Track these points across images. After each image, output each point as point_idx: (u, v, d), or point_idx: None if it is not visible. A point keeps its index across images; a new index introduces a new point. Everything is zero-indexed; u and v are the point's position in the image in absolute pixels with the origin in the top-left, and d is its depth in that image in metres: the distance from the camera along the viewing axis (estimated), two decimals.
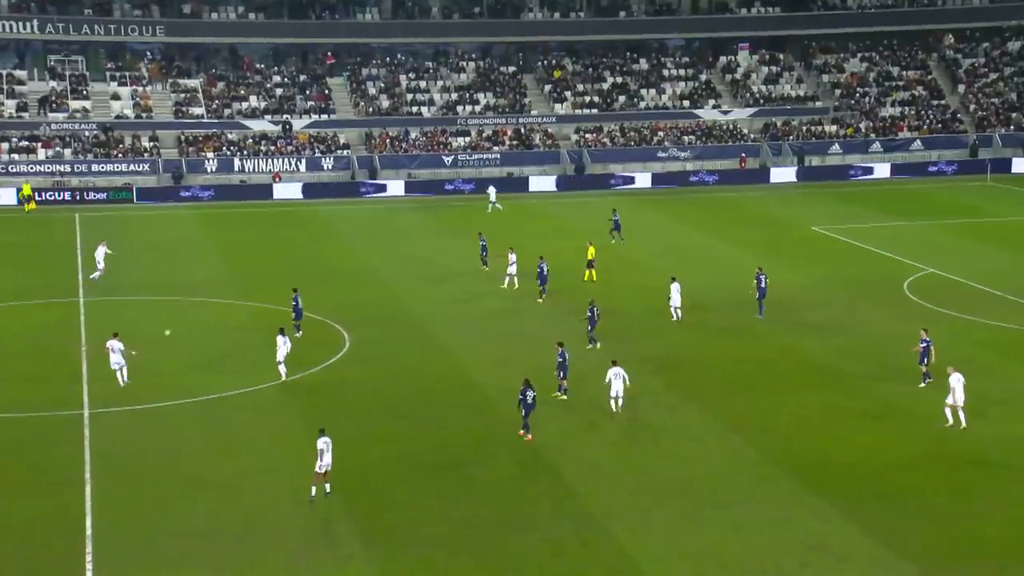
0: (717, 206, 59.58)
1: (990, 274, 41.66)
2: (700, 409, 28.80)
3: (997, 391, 29.43)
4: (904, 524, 22.12)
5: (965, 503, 22.91)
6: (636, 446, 26.54)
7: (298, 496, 24.08)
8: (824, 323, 36.44)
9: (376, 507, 23.69)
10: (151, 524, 22.78)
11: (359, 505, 23.71)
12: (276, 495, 24.14)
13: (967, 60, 76.80)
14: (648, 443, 26.68)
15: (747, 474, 24.77)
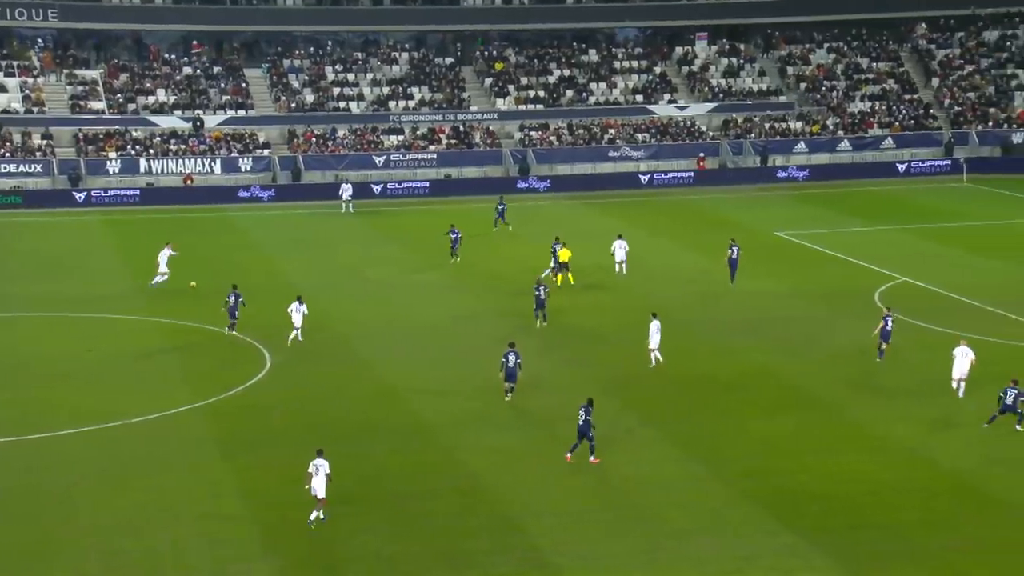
0: (673, 209, 60.15)
1: (967, 283, 42.53)
2: (659, 432, 28.93)
3: (977, 411, 30.00)
4: (879, 558, 22.40)
5: (942, 535, 23.26)
6: (588, 473, 26.58)
7: (210, 531, 23.75)
8: (792, 338, 36.85)
9: (298, 544, 23.44)
10: (39, 571, 22.28)
11: (279, 542, 23.44)
12: (184, 532, 23.79)
13: (941, 51, 78.52)
14: (601, 469, 26.75)
15: (710, 503, 24.90)
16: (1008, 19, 79.49)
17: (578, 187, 66.32)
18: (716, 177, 68.64)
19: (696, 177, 68.16)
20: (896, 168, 69.46)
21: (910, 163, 69.90)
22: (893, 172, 69.03)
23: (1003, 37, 78.30)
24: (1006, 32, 78.58)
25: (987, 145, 71.40)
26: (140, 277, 45.30)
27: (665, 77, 75.95)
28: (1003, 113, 72.74)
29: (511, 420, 30.09)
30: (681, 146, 70.64)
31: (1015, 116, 72.42)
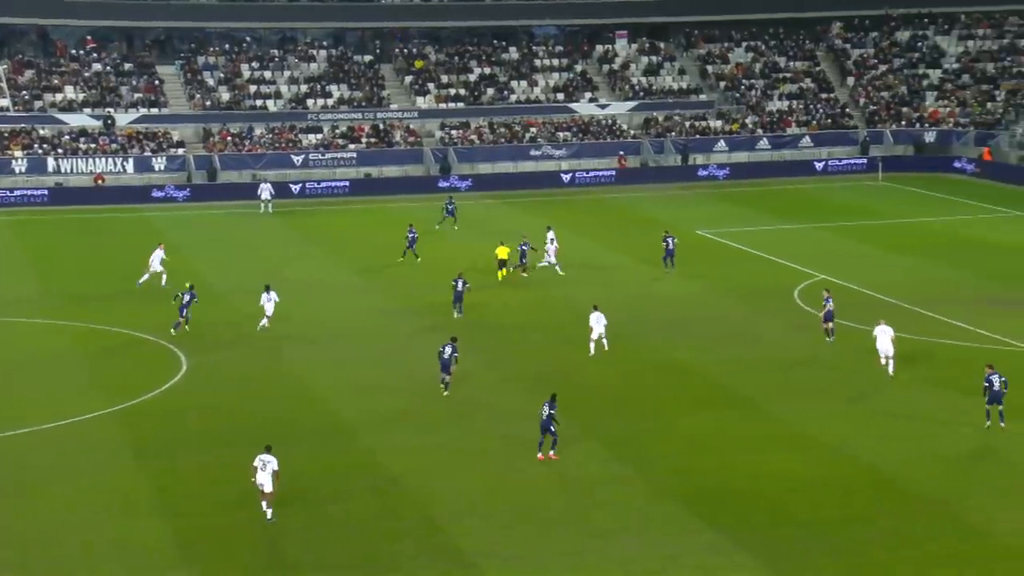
0: (595, 208, 60.49)
1: (884, 281, 43.41)
2: (583, 431, 28.97)
3: (897, 407, 30.63)
4: (800, 554, 22.71)
5: (862, 530, 23.63)
6: (512, 473, 26.54)
7: (125, 539, 23.22)
8: (714, 336, 37.25)
9: (216, 550, 23.02)
10: None
11: (196, 549, 23.00)
12: (97, 540, 23.22)
13: (856, 51, 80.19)
14: (525, 469, 26.74)
15: (635, 503, 25.00)
16: (919, 20, 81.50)
17: (500, 186, 66.37)
18: (637, 176, 69.20)
19: (617, 176, 68.64)
20: (814, 166, 70.73)
21: (827, 161, 71.22)
22: (811, 170, 70.28)
23: (914, 37, 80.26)
24: (917, 33, 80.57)
25: (901, 144, 73.09)
26: (49, 280, 44.19)
27: (586, 75, 76.38)
28: (916, 112, 74.53)
29: (432, 419, 29.96)
30: (602, 145, 71.09)
31: (927, 115, 74.27)
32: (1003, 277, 44.32)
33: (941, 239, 51.76)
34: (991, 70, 76.62)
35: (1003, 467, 26.52)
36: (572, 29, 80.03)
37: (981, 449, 27.60)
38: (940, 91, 75.94)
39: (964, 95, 75.09)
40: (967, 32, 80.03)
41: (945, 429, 28.88)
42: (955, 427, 29.03)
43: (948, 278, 44.53)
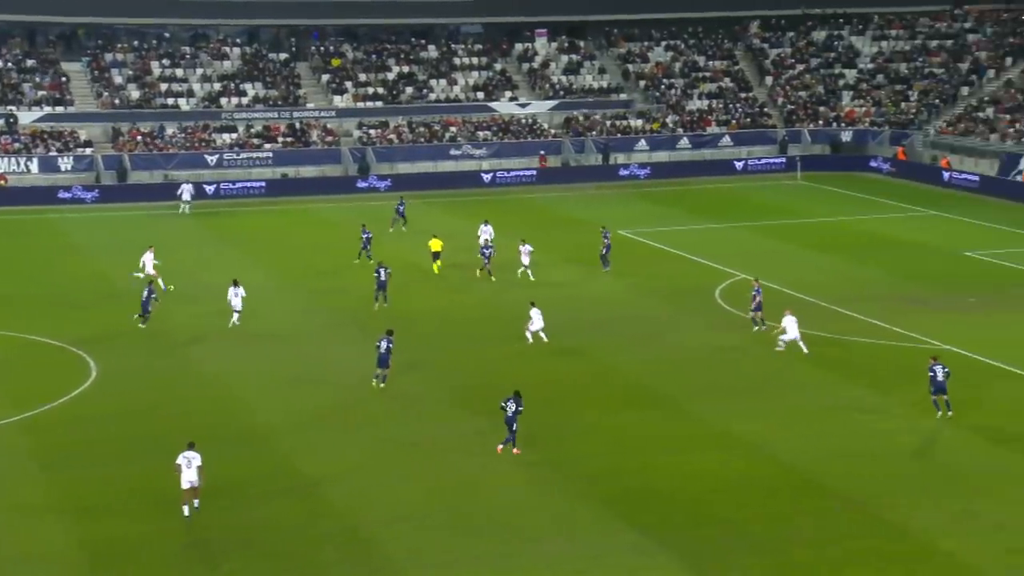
0: (516, 208, 60.64)
1: (802, 279, 44.26)
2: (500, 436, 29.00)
3: (812, 405, 31.26)
4: (723, 553, 23.04)
5: (783, 529, 24.08)
6: (438, 478, 26.51)
7: (31, 551, 22.68)
8: (637, 336, 37.62)
9: (127, 560, 22.60)
10: None
11: (107, 560, 22.56)
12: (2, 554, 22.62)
13: (774, 50, 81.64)
14: (452, 474, 26.70)
15: (558, 505, 25.16)
16: (834, 20, 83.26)
17: (420, 186, 66.20)
18: (558, 175, 69.58)
19: (539, 175, 68.93)
20: (734, 166, 71.80)
21: (747, 161, 72.35)
22: (731, 170, 71.33)
23: (830, 37, 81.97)
24: (833, 33, 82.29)
25: (819, 143, 74.56)
26: None
27: (506, 74, 76.57)
28: (832, 112, 76.12)
29: (355, 421, 29.82)
30: (523, 144, 71.33)
31: (843, 115, 75.90)
32: (917, 275, 45.48)
33: (858, 238, 52.93)
34: (904, 70, 78.58)
35: (919, 464, 27.21)
36: (491, 27, 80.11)
37: (898, 446, 28.28)
38: (856, 91, 77.66)
39: (879, 95, 76.91)
40: (881, 32, 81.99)
41: (863, 427, 29.53)
42: (872, 424, 29.70)
43: (865, 276, 45.55)
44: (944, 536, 23.48)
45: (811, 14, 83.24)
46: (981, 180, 63.97)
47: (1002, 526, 23.84)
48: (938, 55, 78.59)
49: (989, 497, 25.15)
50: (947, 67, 77.21)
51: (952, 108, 73.29)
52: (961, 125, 70.18)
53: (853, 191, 65.17)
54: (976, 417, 29.92)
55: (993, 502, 24.89)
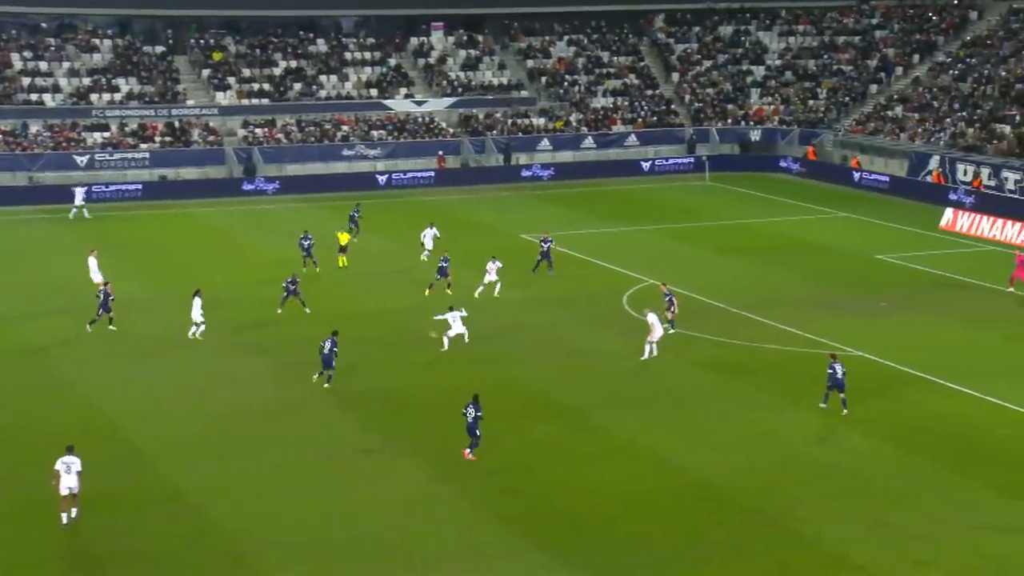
0: (413, 211, 60.52)
1: (711, 284, 45.05)
2: (403, 451, 29.05)
3: (722, 415, 31.82)
4: (631, 572, 23.28)
5: (692, 543, 24.47)
6: (327, 499, 26.33)
7: None
8: (541, 345, 37.85)
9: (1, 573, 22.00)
10: None
11: None
12: None
13: (680, 46, 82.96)
14: (341, 495, 26.58)
15: (460, 525, 25.19)
16: (741, 14, 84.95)
17: (311, 188, 65.70)
18: (458, 177, 69.69)
19: (437, 177, 68.93)
20: (640, 166, 72.73)
21: (654, 161, 73.36)
22: (638, 170, 72.23)
23: (737, 33, 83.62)
24: (740, 28, 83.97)
25: (727, 143, 75.97)
26: None
27: (400, 70, 76.44)
28: (741, 110, 77.64)
29: (239, 443, 29.49)
30: (420, 144, 71.28)
31: (752, 113, 77.48)
32: (828, 279, 46.63)
33: (768, 241, 54.07)
34: (812, 67, 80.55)
35: (830, 474, 27.86)
36: (384, 20, 79.81)
37: (809, 456, 28.95)
38: (764, 88, 79.35)
39: (787, 92, 78.70)
40: (788, 28, 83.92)
41: (773, 437, 30.16)
42: (783, 434, 30.36)
43: (774, 280, 46.54)
44: (856, 548, 24.12)
45: (717, 8, 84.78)
46: (891, 181, 65.87)
47: (915, 537, 24.57)
48: (846, 52, 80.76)
49: (901, 507, 25.91)
50: (855, 64, 79.39)
51: (861, 106, 75.37)
52: (871, 124, 72.21)
53: (763, 192, 66.55)
54: (887, 425, 30.80)
55: (905, 512, 25.64)
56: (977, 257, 50.85)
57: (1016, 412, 31.54)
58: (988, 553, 23.93)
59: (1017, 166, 60.63)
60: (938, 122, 68.46)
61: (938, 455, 28.77)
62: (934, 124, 68.49)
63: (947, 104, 69.69)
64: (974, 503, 26.11)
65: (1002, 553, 23.93)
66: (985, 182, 61.15)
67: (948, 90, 71.05)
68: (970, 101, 68.84)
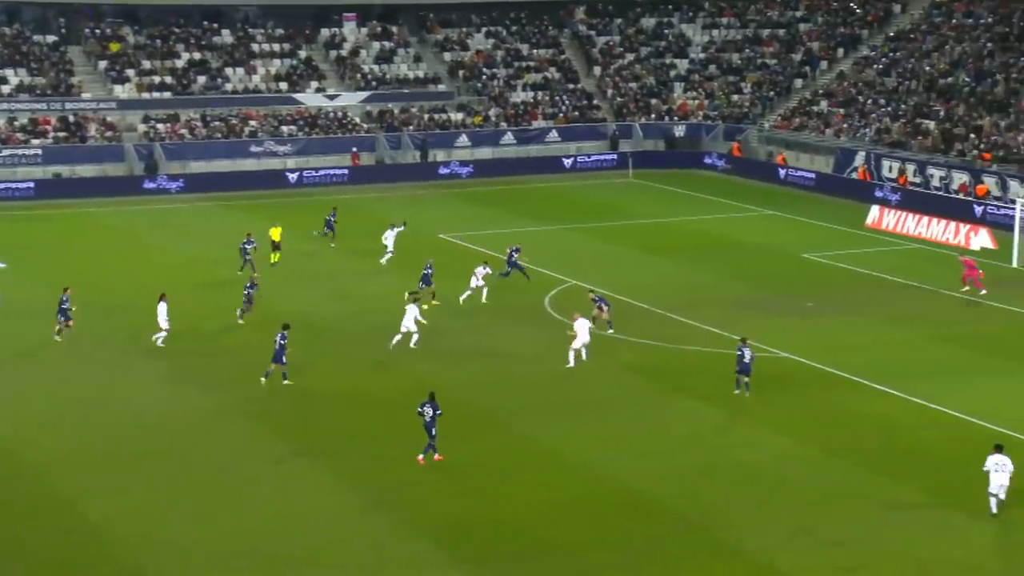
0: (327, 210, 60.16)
1: (636, 284, 45.47)
2: (314, 461, 28.94)
3: (645, 420, 32.16)
4: None
5: (613, 553, 24.68)
6: (231, 514, 26.14)
7: None
8: (459, 349, 37.93)
9: None
10: None
11: None
12: None
13: (601, 38, 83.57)
14: (244, 506, 26.39)
15: (372, 539, 25.13)
16: (664, 6, 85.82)
17: (217, 187, 65.06)
18: (373, 174, 69.50)
19: (351, 175, 68.64)
20: (562, 163, 73.13)
21: (576, 157, 73.81)
22: (560, 167, 72.63)
23: (660, 25, 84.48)
24: (662, 20, 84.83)
25: (651, 138, 76.65)
26: None
27: (311, 62, 75.97)
28: (665, 105, 78.47)
29: (135, 456, 29.25)
30: (332, 140, 70.92)
31: (676, 108, 78.34)
32: (754, 278, 47.35)
33: (693, 239, 54.74)
34: (737, 61, 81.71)
35: (754, 479, 28.30)
36: (293, 10, 79.20)
37: (733, 461, 29.40)
38: (688, 82, 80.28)
39: (711, 87, 79.72)
40: (712, 21, 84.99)
41: (696, 443, 30.60)
42: (707, 439, 30.82)
43: (700, 280, 47.14)
44: (780, 555, 24.56)
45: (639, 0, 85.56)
46: (818, 177, 67.06)
47: (839, 543, 25.08)
48: (770, 45, 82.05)
49: (825, 512, 26.43)
50: (780, 58, 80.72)
51: (786, 101, 76.62)
52: (796, 119, 73.45)
53: (688, 189, 67.34)
54: (812, 428, 31.40)
55: (829, 518, 26.17)
56: (903, 255, 52.02)
57: (941, 413, 32.36)
58: (914, 557, 24.52)
59: (942, 163, 62.12)
60: (863, 117, 69.87)
61: (863, 458, 29.39)
62: (859, 119, 69.88)
63: (872, 99, 71.14)
64: (899, 506, 26.73)
65: (928, 557, 24.54)
66: (911, 179, 62.55)
67: (873, 85, 72.52)
68: (895, 96, 70.35)
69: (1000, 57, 67.82)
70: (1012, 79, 65.37)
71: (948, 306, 43.38)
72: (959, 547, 24.91)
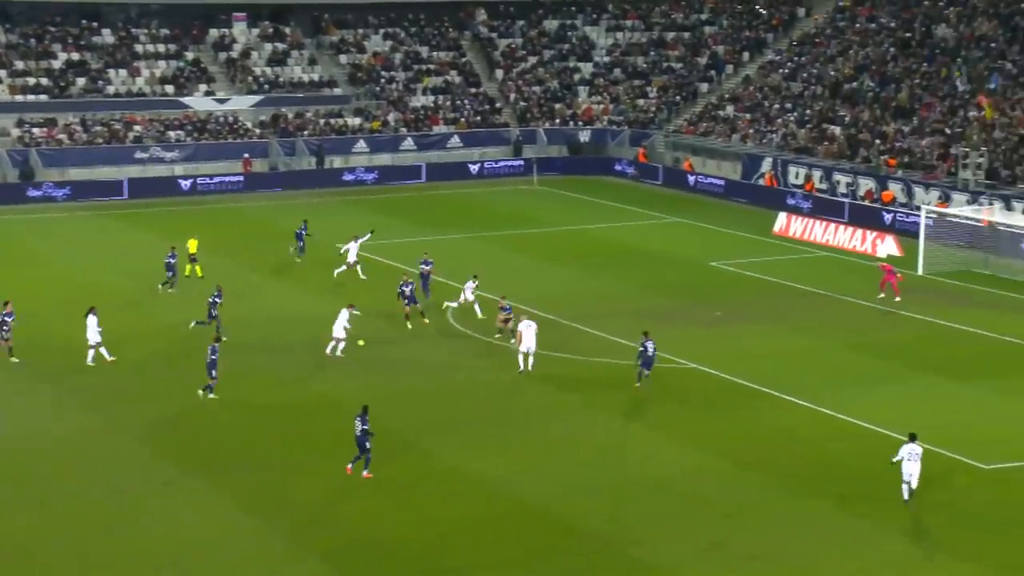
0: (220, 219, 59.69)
1: (541, 294, 45.72)
2: (205, 482, 28.66)
3: (553, 435, 32.31)
4: None
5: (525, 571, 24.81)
6: (116, 539, 25.75)
7: None
8: (358, 363, 37.71)
9: None
10: None
11: None
12: None
13: (503, 40, 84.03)
14: (135, 531, 26.03)
15: (268, 565, 24.93)
16: (567, 7, 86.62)
17: (101, 194, 64.08)
18: (268, 181, 69.03)
19: (247, 182, 68.08)
20: (466, 169, 73.37)
21: (481, 164, 74.13)
22: (462, 174, 72.84)
23: (563, 27, 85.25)
24: (566, 22, 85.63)
25: (555, 144, 77.27)
26: None
27: (199, 64, 75.17)
28: (569, 109, 79.18)
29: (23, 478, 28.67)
30: (223, 146, 70.25)
31: (581, 113, 79.10)
32: (662, 287, 48.00)
33: (600, 248, 55.30)
34: (642, 64, 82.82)
35: (665, 493, 28.61)
36: (179, 9, 78.22)
37: (643, 475, 29.69)
38: (592, 86, 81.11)
39: (616, 91, 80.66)
40: (616, 23, 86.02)
41: (606, 455, 30.89)
42: (616, 453, 31.11)
43: (607, 290, 47.66)
44: (694, 570, 24.91)
45: (541, 1, 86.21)
46: (726, 184, 68.26)
47: (754, 556, 25.54)
48: (676, 48, 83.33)
49: (738, 526, 26.91)
50: (685, 61, 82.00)
51: (692, 106, 77.87)
52: (702, 124, 74.70)
53: (594, 196, 68.00)
54: (722, 440, 31.90)
55: (743, 531, 26.65)
56: (811, 263, 53.19)
57: (850, 424, 33.16)
58: (827, 570, 25.13)
59: (848, 169, 63.70)
60: (769, 123, 71.34)
61: (773, 470, 29.98)
62: (765, 125, 71.33)
63: (778, 104, 72.66)
64: (811, 519, 27.31)
65: (841, 569, 25.15)
66: (817, 185, 64.02)
67: (778, 90, 74.08)
68: (800, 101, 71.94)
69: (903, 62, 69.78)
70: (915, 85, 67.29)
71: (856, 314, 44.47)
72: (869, 558, 25.57)
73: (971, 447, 30.00)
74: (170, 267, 45.72)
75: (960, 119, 62.37)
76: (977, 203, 53.98)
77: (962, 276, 49.43)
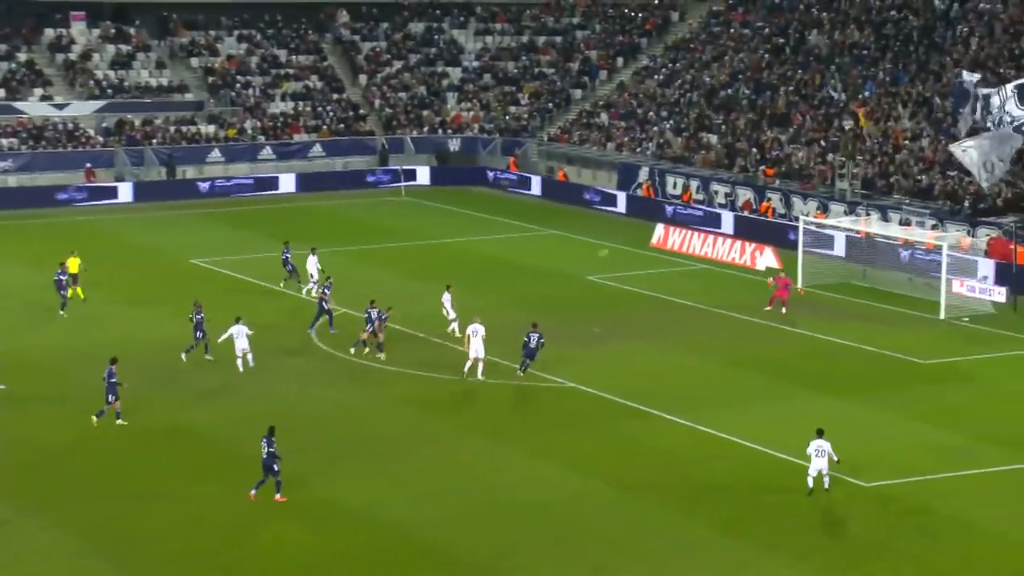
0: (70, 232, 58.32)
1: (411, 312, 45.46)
2: (44, 520, 28.06)
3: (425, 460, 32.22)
4: None
5: None
6: None
7: None
8: (210, 388, 37.35)
9: None
10: None
11: None
12: None
13: (367, 44, 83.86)
14: None
15: None
16: (432, 10, 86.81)
17: None
18: (114, 192, 67.77)
19: (91, 193, 66.89)
20: (330, 179, 73.18)
21: (345, 173, 73.95)
22: (326, 184, 72.50)
23: (429, 30, 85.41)
24: (432, 25, 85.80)
25: (424, 153, 77.36)
26: None
27: (34, 66, 73.59)
28: (437, 116, 79.32)
29: None
30: (63, 154, 68.90)
31: (450, 120, 79.31)
32: (537, 303, 48.03)
33: (470, 262, 55.39)
34: (513, 70, 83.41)
35: (543, 518, 28.71)
36: (10, 7, 76.26)
37: (520, 500, 29.81)
38: (461, 92, 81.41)
39: (487, 97, 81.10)
40: (485, 26, 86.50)
41: (480, 481, 30.90)
42: (491, 477, 31.17)
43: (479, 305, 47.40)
44: None
45: (406, 3, 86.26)
46: (603, 195, 69.01)
47: None
48: (547, 53, 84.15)
49: (620, 550, 27.14)
50: (557, 67, 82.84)
51: (565, 113, 78.70)
52: (576, 132, 75.52)
53: (464, 208, 68.19)
54: (602, 462, 32.18)
55: (624, 556, 26.91)
56: (690, 276, 54.07)
57: (732, 443, 33.74)
58: None
59: (726, 178, 65.01)
60: (644, 131, 72.42)
61: (655, 491, 30.35)
62: (641, 133, 72.41)
63: (654, 111, 73.81)
64: (694, 542, 27.71)
65: None
66: (695, 195, 65.17)
67: (653, 96, 75.27)
68: (676, 109, 73.19)
69: (778, 69, 71.51)
70: (790, 92, 69.02)
71: (735, 329, 45.29)
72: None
73: (853, 465, 30.79)
74: (60, 286, 44.60)
75: (836, 128, 64.12)
76: (855, 214, 55.48)
77: (840, 288, 50.73)
